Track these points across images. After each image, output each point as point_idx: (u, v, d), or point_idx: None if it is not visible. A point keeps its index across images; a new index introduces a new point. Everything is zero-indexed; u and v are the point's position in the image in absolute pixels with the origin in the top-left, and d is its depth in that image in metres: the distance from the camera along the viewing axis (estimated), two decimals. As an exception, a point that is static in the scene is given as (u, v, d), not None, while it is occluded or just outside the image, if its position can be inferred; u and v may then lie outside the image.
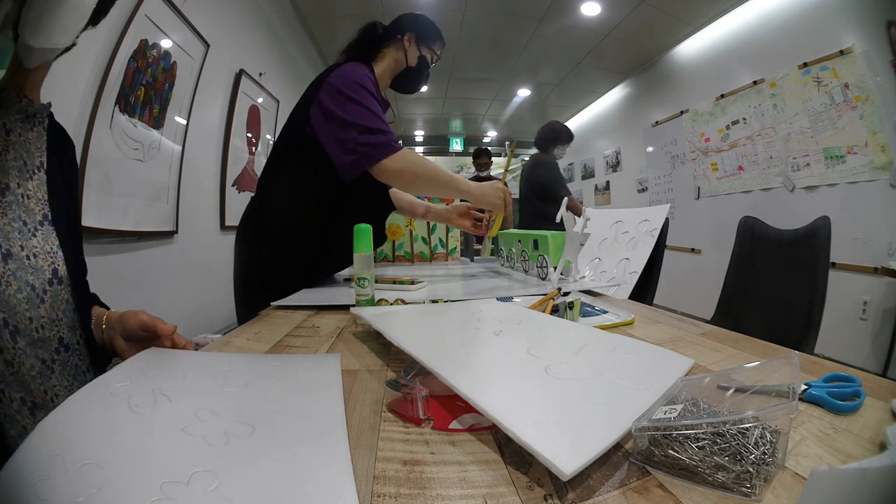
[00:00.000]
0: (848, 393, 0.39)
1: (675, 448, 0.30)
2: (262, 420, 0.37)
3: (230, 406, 0.40)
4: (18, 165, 0.56)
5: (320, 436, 0.35)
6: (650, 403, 0.35)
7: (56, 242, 0.58)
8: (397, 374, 0.48)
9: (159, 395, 0.42)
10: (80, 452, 0.31)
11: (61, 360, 0.56)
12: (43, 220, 0.58)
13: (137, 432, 0.35)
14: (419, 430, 0.37)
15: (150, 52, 1.73)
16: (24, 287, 0.53)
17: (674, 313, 0.81)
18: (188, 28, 1.96)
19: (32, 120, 0.59)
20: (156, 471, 0.30)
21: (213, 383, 0.45)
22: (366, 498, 0.28)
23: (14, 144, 0.56)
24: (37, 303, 0.55)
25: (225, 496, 0.28)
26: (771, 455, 0.28)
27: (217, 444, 0.34)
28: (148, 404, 0.40)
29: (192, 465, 0.31)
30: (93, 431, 0.34)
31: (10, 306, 0.51)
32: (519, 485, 0.29)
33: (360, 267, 0.73)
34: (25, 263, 0.54)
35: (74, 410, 0.37)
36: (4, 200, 0.54)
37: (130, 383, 0.44)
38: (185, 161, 2.04)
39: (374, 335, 0.66)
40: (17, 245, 0.54)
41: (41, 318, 0.55)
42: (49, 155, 0.60)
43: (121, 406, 0.39)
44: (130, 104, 1.64)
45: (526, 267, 1.25)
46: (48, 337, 0.55)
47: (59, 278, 0.58)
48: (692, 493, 0.27)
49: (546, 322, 0.60)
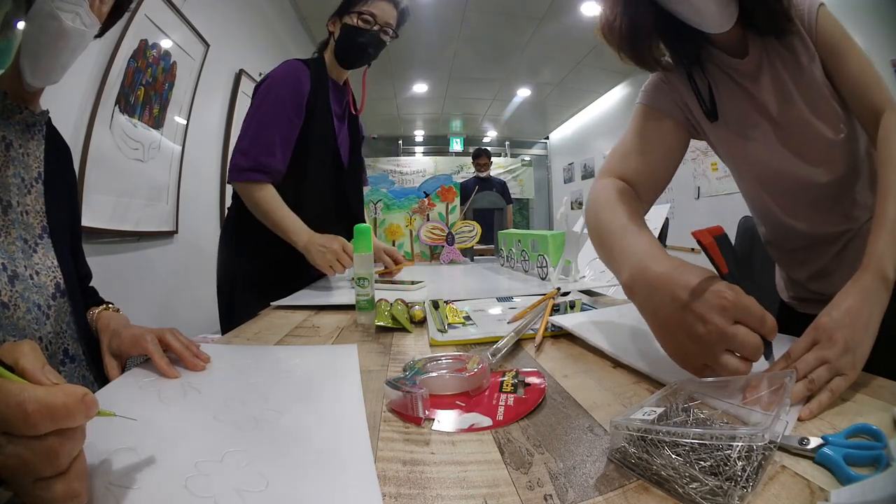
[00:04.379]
0: (866, 458, 0.30)
1: (650, 451, 0.28)
2: (288, 406, 0.40)
3: (257, 395, 0.42)
4: (17, 182, 0.56)
5: (342, 419, 0.38)
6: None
7: (54, 255, 0.58)
8: (397, 374, 0.48)
9: (189, 387, 0.44)
10: (113, 440, 0.32)
11: (67, 371, 0.56)
12: (42, 234, 0.58)
13: (170, 421, 0.37)
14: (419, 430, 0.37)
15: (150, 53, 1.73)
16: (33, 308, 0.53)
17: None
18: (188, 28, 1.96)
19: (32, 129, 0.59)
20: (190, 452, 0.32)
21: (240, 375, 0.48)
22: (366, 498, 0.28)
23: (13, 160, 0.56)
24: (43, 321, 0.55)
25: (257, 471, 0.29)
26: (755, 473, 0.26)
27: (247, 428, 0.36)
28: (178, 396, 0.42)
29: (224, 447, 0.32)
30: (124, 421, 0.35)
31: (19, 328, 0.51)
32: (519, 485, 0.29)
33: (360, 267, 0.73)
34: (30, 283, 0.54)
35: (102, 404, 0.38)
36: (7, 219, 0.54)
37: (157, 378, 0.45)
38: (185, 161, 2.04)
39: (373, 335, 0.66)
40: (22, 265, 0.54)
41: (48, 333, 0.55)
42: (46, 164, 0.60)
43: (151, 398, 0.41)
44: (130, 104, 1.64)
45: (526, 267, 1.25)
46: (54, 351, 0.56)
47: (62, 291, 0.58)
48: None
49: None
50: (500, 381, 0.45)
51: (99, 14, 0.55)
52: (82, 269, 0.67)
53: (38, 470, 0.24)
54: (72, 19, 0.51)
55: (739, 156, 0.70)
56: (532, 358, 0.55)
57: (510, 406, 0.40)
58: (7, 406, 0.23)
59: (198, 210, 2.20)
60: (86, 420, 0.25)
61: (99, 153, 1.47)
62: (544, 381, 0.45)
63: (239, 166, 1.05)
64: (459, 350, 0.59)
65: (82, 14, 0.52)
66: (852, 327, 0.42)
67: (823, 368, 0.39)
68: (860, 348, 0.41)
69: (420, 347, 0.61)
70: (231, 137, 2.53)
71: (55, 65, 0.53)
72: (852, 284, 0.45)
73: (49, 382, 0.26)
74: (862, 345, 0.41)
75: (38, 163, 0.59)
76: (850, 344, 0.40)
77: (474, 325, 0.70)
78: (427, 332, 0.66)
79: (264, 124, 1.06)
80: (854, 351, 0.40)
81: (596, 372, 0.50)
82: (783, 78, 0.61)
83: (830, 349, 0.40)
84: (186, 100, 2.03)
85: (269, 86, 1.08)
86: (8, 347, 0.28)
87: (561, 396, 0.43)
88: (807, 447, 0.30)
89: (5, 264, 0.51)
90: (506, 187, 3.84)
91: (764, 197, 0.72)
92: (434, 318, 0.70)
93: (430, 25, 3.46)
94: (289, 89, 1.08)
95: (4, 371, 0.25)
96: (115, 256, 1.61)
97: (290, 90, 1.08)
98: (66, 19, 0.50)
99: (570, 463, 0.31)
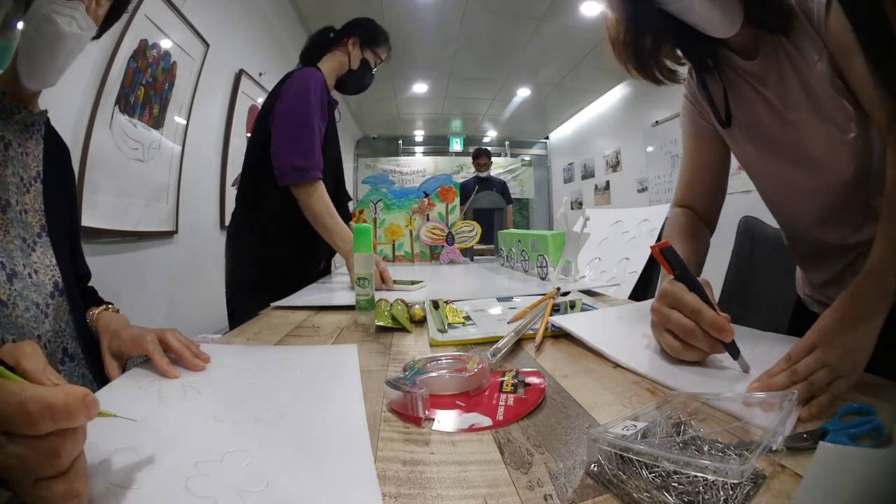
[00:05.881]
0: (866, 431, 0.33)
1: (624, 470, 0.27)
2: (289, 407, 0.40)
3: (257, 395, 0.42)
4: (16, 181, 0.56)
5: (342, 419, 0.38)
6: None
7: (53, 254, 0.58)
8: (397, 374, 0.48)
9: (189, 387, 0.44)
10: (113, 439, 0.32)
11: (66, 370, 0.56)
12: (41, 232, 0.58)
13: (169, 421, 0.37)
14: (419, 430, 0.37)
15: (150, 53, 1.72)
16: (31, 307, 0.53)
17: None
18: (188, 28, 1.96)
19: (31, 129, 0.59)
20: (190, 452, 0.32)
21: (240, 375, 0.48)
22: (366, 498, 0.28)
23: (12, 159, 0.56)
24: (42, 319, 0.55)
25: (257, 471, 0.30)
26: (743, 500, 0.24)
27: (248, 428, 0.36)
28: (178, 396, 0.42)
29: (224, 447, 0.32)
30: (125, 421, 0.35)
31: (18, 327, 0.51)
32: (519, 485, 0.29)
33: (360, 267, 0.73)
34: (28, 282, 0.54)
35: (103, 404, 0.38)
36: (6, 218, 0.54)
37: (157, 378, 0.45)
38: (185, 161, 2.04)
39: (373, 335, 0.66)
40: (21, 263, 0.54)
41: (47, 332, 0.55)
42: (45, 164, 0.60)
43: (151, 399, 0.41)
44: (130, 104, 1.64)
45: (526, 267, 1.25)
46: (53, 350, 0.56)
47: (60, 290, 0.58)
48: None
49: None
50: (500, 381, 0.45)
51: (95, 17, 0.55)
52: (81, 269, 0.67)
53: (38, 470, 0.24)
54: (67, 23, 0.50)
55: (752, 159, 0.70)
56: (532, 358, 0.55)
57: (510, 406, 0.40)
58: (8, 405, 0.23)
59: (198, 210, 2.20)
60: (87, 420, 0.25)
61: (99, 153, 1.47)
62: (544, 381, 0.45)
63: (300, 167, 1.10)
64: (459, 350, 0.59)
65: (78, 18, 0.51)
66: (853, 331, 0.42)
67: (823, 371, 0.39)
68: (860, 352, 0.41)
69: (420, 347, 0.61)
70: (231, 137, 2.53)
71: (51, 68, 0.53)
72: (854, 288, 0.45)
73: (50, 383, 0.26)
74: (862, 349, 0.41)
75: (36, 162, 0.59)
76: (850, 348, 0.41)
77: (474, 325, 0.70)
78: (427, 332, 0.66)
79: (309, 126, 1.11)
80: (854, 354, 0.41)
81: (596, 372, 0.50)
82: (792, 78, 0.60)
83: (830, 352, 0.40)
84: (186, 100, 2.03)
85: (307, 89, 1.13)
86: (9, 349, 0.28)
87: (561, 396, 0.43)
88: (810, 441, 0.31)
89: (4, 262, 0.51)
90: (506, 187, 3.84)
91: (777, 201, 0.72)
92: (434, 318, 0.70)
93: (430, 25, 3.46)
94: (320, 94, 1.15)
95: (6, 371, 0.25)
96: (115, 256, 1.61)
97: (320, 96, 1.15)
98: (63, 23, 0.50)
99: (570, 463, 0.31)
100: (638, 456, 0.26)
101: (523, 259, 1.26)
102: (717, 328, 0.45)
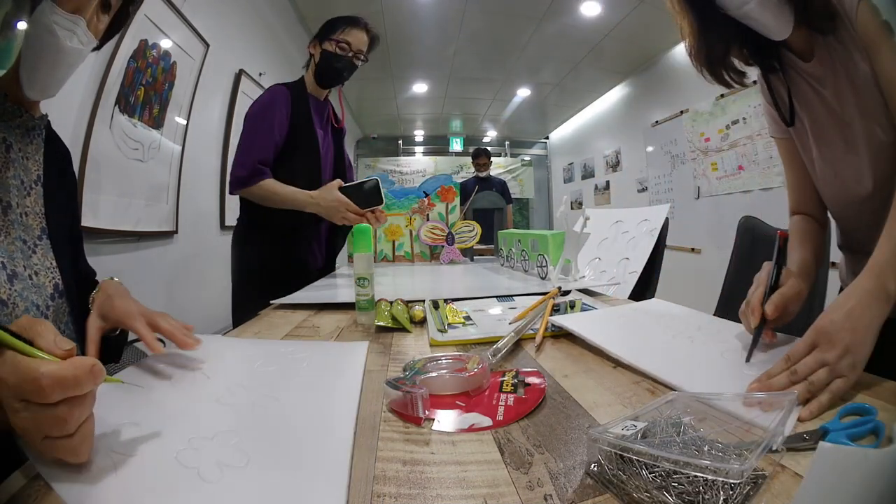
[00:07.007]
0: (866, 431, 0.33)
1: (624, 470, 0.27)
2: (286, 396, 0.43)
3: (260, 383, 0.45)
4: (17, 184, 0.56)
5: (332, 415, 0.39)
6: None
7: (53, 257, 0.59)
8: (397, 374, 0.48)
9: (199, 374, 0.47)
10: (122, 414, 0.36)
11: None
12: (41, 235, 0.58)
13: (176, 402, 0.41)
14: (419, 430, 0.37)
15: (150, 53, 1.72)
16: (31, 308, 0.53)
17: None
18: (188, 28, 1.96)
19: (31, 133, 0.59)
20: (187, 429, 0.35)
21: (249, 365, 0.51)
22: (366, 498, 0.28)
23: (13, 162, 0.56)
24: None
25: (241, 449, 0.33)
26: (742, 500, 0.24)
27: (244, 412, 0.39)
28: (188, 381, 0.46)
29: (219, 426, 0.36)
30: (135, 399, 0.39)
31: None
32: (519, 485, 0.29)
33: (360, 267, 0.73)
34: (29, 283, 0.54)
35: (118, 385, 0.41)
36: (7, 219, 0.54)
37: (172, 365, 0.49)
38: (185, 161, 2.04)
39: (373, 336, 0.66)
40: (21, 265, 0.54)
41: None
42: (46, 168, 0.60)
43: (163, 382, 0.45)
44: (130, 104, 1.64)
45: (526, 266, 1.25)
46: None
47: (60, 292, 0.58)
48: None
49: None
50: (500, 381, 0.45)
51: (96, 31, 0.55)
52: (85, 269, 0.68)
53: (48, 431, 0.28)
54: (69, 38, 0.51)
55: (810, 159, 0.70)
56: (532, 358, 0.55)
57: (510, 406, 0.40)
58: (25, 380, 0.27)
59: (198, 210, 2.19)
60: (94, 386, 0.29)
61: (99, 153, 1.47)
62: (544, 381, 0.45)
63: (241, 178, 1.21)
64: (459, 350, 0.59)
65: (79, 33, 0.52)
66: (852, 331, 0.42)
67: (823, 371, 0.39)
68: (860, 352, 0.41)
69: (420, 347, 0.61)
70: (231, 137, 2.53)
71: (51, 80, 0.54)
72: (854, 288, 0.45)
73: (61, 352, 0.30)
74: (862, 348, 0.41)
75: (37, 166, 0.59)
76: (849, 347, 0.41)
77: (474, 325, 0.70)
78: (427, 332, 0.66)
79: (252, 137, 1.24)
80: (854, 354, 0.41)
81: (596, 372, 0.50)
82: (843, 78, 0.60)
83: (830, 352, 0.40)
84: (186, 100, 2.03)
85: (254, 110, 1.27)
86: (25, 324, 0.31)
87: (561, 396, 0.43)
88: (810, 441, 0.31)
89: (5, 263, 0.51)
90: (506, 187, 3.84)
91: (833, 201, 0.72)
92: (434, 318, 0.70)
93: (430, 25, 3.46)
94: (270, 109, 1.25)
95: (26, 346, 0.29)
96: (115, 256, 1.61)
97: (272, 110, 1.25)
98: (64, 38, 0.50)
99: (570, 463, 0.31)
100: (638, 456, 0.26)
101: (523, 259, 1.26)
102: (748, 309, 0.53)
